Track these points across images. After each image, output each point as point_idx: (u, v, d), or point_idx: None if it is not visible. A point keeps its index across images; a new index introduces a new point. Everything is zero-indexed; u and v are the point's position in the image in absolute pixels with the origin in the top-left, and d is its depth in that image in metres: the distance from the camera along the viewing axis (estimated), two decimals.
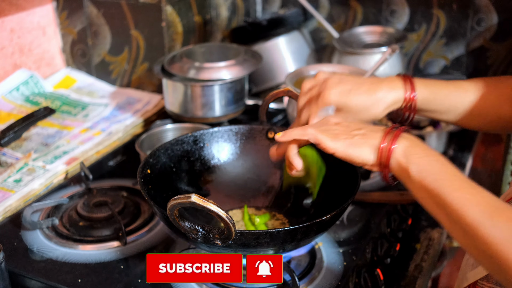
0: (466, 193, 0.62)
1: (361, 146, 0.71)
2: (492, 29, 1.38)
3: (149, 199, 0.76)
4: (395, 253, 0.93)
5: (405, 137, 0.70)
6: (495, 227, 0.58)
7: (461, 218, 0.61)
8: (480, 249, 0.59)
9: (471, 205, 0.61)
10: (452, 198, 0.62)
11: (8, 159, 1.14)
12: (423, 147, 0.69)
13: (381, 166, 0.71)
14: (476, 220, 0.59)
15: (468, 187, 0.63)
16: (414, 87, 0.84)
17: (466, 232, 0.61)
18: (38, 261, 0.88)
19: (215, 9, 1.52)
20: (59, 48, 1.49)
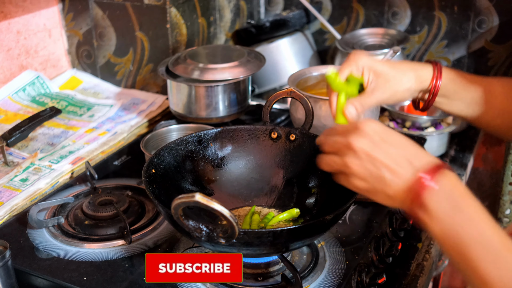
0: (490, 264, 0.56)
1: (378, 194, 0.64)
2: (493, 31, 1.39)
3: (153, 198, 0.77)
4: (396, 252, 0.94)
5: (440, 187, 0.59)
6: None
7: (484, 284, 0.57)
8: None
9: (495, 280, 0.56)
10: (475, 268, 0.57)
11: (15, 158, 1.16)
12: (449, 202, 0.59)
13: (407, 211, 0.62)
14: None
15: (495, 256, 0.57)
16: (441, 69, 0.82)
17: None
18: (44, 259, 0.89)
19: (219, 11, 1.53)
20: (65, 50, 1.50)
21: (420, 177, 0.60)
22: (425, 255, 0.97)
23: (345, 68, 0.80)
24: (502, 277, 0.56)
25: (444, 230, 0.59)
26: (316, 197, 0.91)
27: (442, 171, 0.60)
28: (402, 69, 0.81)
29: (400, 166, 0.62)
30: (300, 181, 0.93)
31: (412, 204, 0.60)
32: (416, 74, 0.81)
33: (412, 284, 0.90)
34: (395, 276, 0.90)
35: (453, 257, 0.59)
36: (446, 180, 0.60)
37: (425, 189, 0.59)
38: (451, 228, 0.58)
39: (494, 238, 0.58)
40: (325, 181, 0.90)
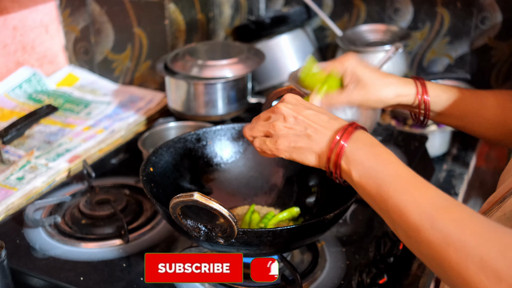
0: (407, 195, 0.60)
1: (304, 152, 0.69)
2: (496, 28, 1.38)
3: (151, 197, 0.75)
4: (398, 252, 0.93)
5: (355, 139, 0.66)
6: (435, 228, 0.56)
7: (402, 221, 0.59)
8: (423, 252, 0.58)
9: (411, 207, 0.59)
10: (393, 202, 0.60)
11: (11, 156, 1.14)
12: (367, 148, 0.66)
13: (330, 169, 0.68)
14: (417, 222, 0.58)
15: (410, 187, 0.61)
16: (425, 85, 0.84)
17: (409, 235, 0.59)
18: (41, 258, 0.88)
19: (218, 7, 1.51)
20: (62, 46, 1.49)
21: (341, 131, 0.67)
22: None
23: (330, 63, 0.84)
24: (417, 203, 0.59)
25: (363, 173, 0.64)
26: (316, 196, 0.90)
27: (358, 128, 0.68)
28: (386, 82, 0.83)
29: (322, 125, 0.69)
30: (300, 180, 0.92)
31: (335, 155, 0.66)
32: (397, 90, 0.84)
33: (414, 284, 0.89)
34: (397, 276, 0.89)
35: (373, 198, 0.63)
36: (362, 133, 0.68)
37: (345, 140, 0.66)
38: (370, 170, 0.64)
39: (407, 173, 0.63)
40: (326, 180, 0.89)
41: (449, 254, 0.55)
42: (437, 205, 0.58)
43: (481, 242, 0.54)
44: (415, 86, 0.84)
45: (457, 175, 1.21)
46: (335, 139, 0.67)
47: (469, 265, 0.53)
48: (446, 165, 1.23)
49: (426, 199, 0.59)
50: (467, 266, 0.53)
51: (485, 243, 0.54)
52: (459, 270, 0.54)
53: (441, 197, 0.60)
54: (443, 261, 0.55)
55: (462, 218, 0.56)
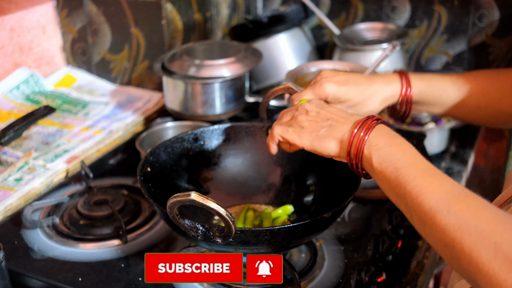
0: (425, 181, 0.62)
1: (325, 140, 0.72)
2: (493, 25, 1.38)
3: (149, 197, 0.75)
4: (396, 250, 0.93)
5: (377, 129, 0.69)
6: (451, 214, 0.57)
7: (419, 206, 0.61)
8: (437, 237, 0.59)
9: (428, 193, 0.60)
10: (411, 187, 0.62)
11: (9, 158, 1.14)
12: (388, 137, 0.68)
13: (351, 158, 0.70)
14: (433, 208, 0.59)
15: (428, 175, 0.63)
16: (410, 82, 0.85)
17: (424, 221, 0.60)
18: (39, 259, 0.88)
19: (216, 6, 1.51)
20: (59, 47, 1.49)
21: (361, 122, 0.70)
22: (426, 253, 0.96)
23: (307, 93, 0.85)
24: (434, 189, 0.60)
25: (383, 159, 0.66)
26: (314, 195, 0.90)
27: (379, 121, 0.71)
28: (369, 93, 0.84)
29: (343, 117, 0.73)
30: (298, 179, 0.92)
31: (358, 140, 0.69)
32: (382, 94, 0.85)
33: (412, 282, 0.89)
34: (395, 275, 0.89)
35: (391, 184, 0.65)
36: (383, 126, 0.71)
37: (367, 129, 0.69)
38: (390, 156, 0.66)
39: (425, 163, 0.65)
40: (323, 179, 0.89)
41: (463, 239, 0.55)
42: (453, 193, 0.60)
43: (495, 229, 0.54)
44: (400, 84, 0.84)
45: (455, 173, 1.21)
46: (357, 127, 0.69)
47: (482, 251, 0.54)
48: (444, 163, 1.23)
49: (443, 187, 0.61)
50: (479, 252, 0.54)
51: (500, 231, 0.54)
52: (471, 255, 0.54)
53: (458, 187, 0.61)
54: (456, 246, 0.56)
55: (477, 207, 0.57)
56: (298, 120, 0.74)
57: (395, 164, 0.65)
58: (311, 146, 0.73)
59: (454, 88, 0.85)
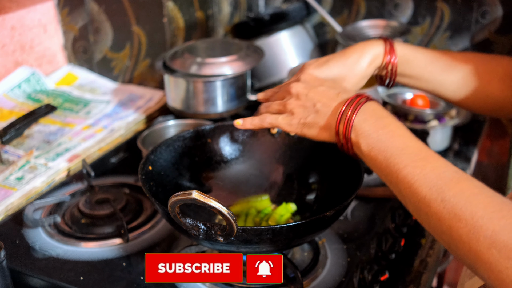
0: (416, 168, 0.60)
1: (312, 126, 0.71)
2: (496, 22, 1.37)
3: (150, 196, 0.75)
4: (400, 249, 0.92)
5: (364, 109, 0.67)
6: (446, 201, 0.56)
7: (412, 195, 0.59)
8: (433, 225, 0.58)
9: (420, 181, 0.59)
10: (403, 176, 0.60)
11: (10, 156, 1.14)
12: (374, 120, 0.66)
13: (340, 140, 0.69)
14: (427, 196, 0.58)
15: (418, 159, 0.61)
16: (393, 44, 0.82)
17: (419, 209, 0.59)
18: (40, 259, 0.88)
19: (217, 4, 1.51)
20: (61, 45, 1.48)
21: (347, 102, 0.67)
22: (429, 251, 0.95)
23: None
24: (426, 176, 0.59)
25: (371, 145, 0.64)
26: (317, 193, 0.89)
27: (368, 99, 0.68)
28: (352, 59, 0.80)
29: (331, 98, 0.70)
30: (300, 177, 0.91)
31: (343, 127, 0.66)
32: (367, 57, 0.81)
33: (416, 281, 0.88)
34: (398, 273, 0.88)
35: (382, 171, 0.63)
36: (371, 104, 0.68)
37: (353, 111, 0.66)
38: (378, 143, 0.64)
39: (415, 145, 0.63)
40: (326, 177, 0.88)
41: (460, 227, 0.54)
42: (447, 178, 0.58)
43: (493, 215, 0.53)
44: (383, 45, 0.81)
45: None
46: (341, 110, 0.67)
47: (480, 238, 0.52)
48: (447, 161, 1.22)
49: (436, 172, 0.59)
50: (478, 240, 0.53)
51: (497, 217, 0.53)
52: (470, 243, 0.53)
53: (451, 170, 0.59)
54: (453, 234, 0.55)
55: (473, 192, 0.56)
56: (288, 107, 0.73)
57: (384, 152, 0.63)
58: (301, 132, 0.72)
59: (440, 61, 0.82)
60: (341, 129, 0.67)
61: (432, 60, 0.83)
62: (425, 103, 1.27)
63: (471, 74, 0.82)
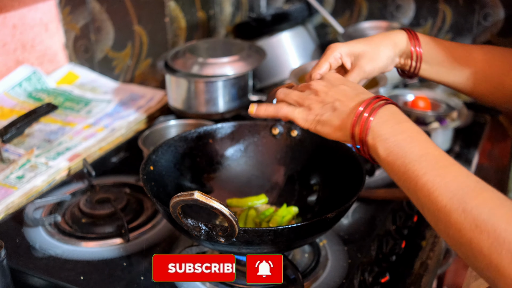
0: (436, 176, 0.58)
1: (328, 124, 0.69)
2: (498, 24, 1.37)
3: (151, 196, 0.75)
4: (400, 251, 0.92)
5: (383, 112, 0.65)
6: (467, 212, 0.54)
7: (432, 204, 0.57)
8: (451, 236, 0.56)
9: (441, 190, 0.57)
10: (422, 183, 0.58)
11: (11, 155, 1.14)
12: (393, 123, 0.64)
13: (355, 141, 0.67)
14: (448, 206, 0.56)
15: (439, 167, 0.59)
16: (416, 33, 0.83)
17: (438, 218, 0.57)
18: (41, 258, 0.88)
19: (219, 4, 1.51)
20: (62, 44, 1.48)
21: (364, 103, 0.66)
22: (429, 254, 0.95)
23: (322, 62, 0.82)
24: (447, 185, 0.57)
25: (390, 151, 0.62)
26: (318, 195, 0.89)
27: (387, 102, 0.66)
28: (376, 41, 0.82)
29: (350, 98, 0.68)
30: (301, 178, 0.91)
31: (360, 128, 0.65)
32: (391, 40, 0.82)
33: (416, 283, 0.88)
34: (399, 275, 0.88)
35: (400, 178, 0.62)
36: (389, 107, 0.66)
37: (370, 113, 0.65)
38: (396, 148, 0.62)
39: (435, 152, 0.61)
40: (327, 178, 0.88)
41: (481, 240, 0.53)
42: (468, 188, 0.56)
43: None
44: (406, 33, 0.82)
45: None
46: (358, 111, 0.65)
47: (502, 252, 0.51)
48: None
49: (457, 180, 0.57)
50: (500, 254, 0.51)
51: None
52: (491, 257, 0.52)
53: (472, 180, 0.57)
54: (474, 247, 0.53)
55: (495, 203, 0.54)
56: (306, 102, 0.71)
57: (403, 158, 0.61)
58: (315, 129, 0.70)
59: (461, 50, 0.83)
60: (356, 130, 0.65)
61: (452, 51, 0.83)
62: (427, 105, 1.27)
63: (489, 65, 0.82)
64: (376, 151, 0.64)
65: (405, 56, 0.83)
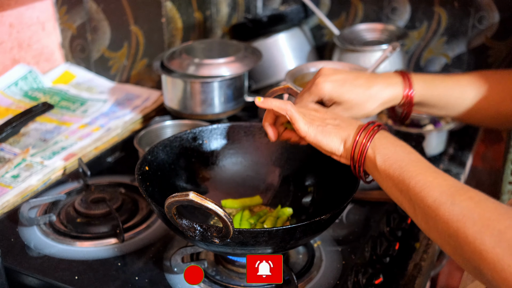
0: (428, 176, 0.64)
1: (331, 135, 0.73)
2: (493, 27, 1.38)
3: (147, 196, 0.75)
4: (394, 252, 0.93)
5: (381, 132, 0.72)
6: (455, 205, 0.59)
7: (422, 200, 0.62)
8: (440, 229, 0.60)
9: (432, 187, 0.62)
10: (415, 182, 0.64)
11: (6, 154, 1.14)
12: (391, 139, 0.71)
13: (350, 160, 0.72)
14: (437, 200, 0.61)
15: (431, 171, 0.65)
16: (412, 84, 0.84)
17: (428, 214, 0.62)
18: (35, 257, 0.88)
19: (215, 5, 1.51)
20: (58, 43, 1.48)
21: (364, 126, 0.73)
22: (423, 255, 0.95)
23: (305, 97, 0.83)
24: (438, 183, 0.62)
25: (387, 158, 0.68)
26: (313, 196, 0.89)
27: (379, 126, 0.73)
28: (368, 95, 0.83)
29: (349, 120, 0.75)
30: (296, 180, 0.92)
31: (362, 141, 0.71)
32: (382, 98, 0.84)
33: (410, 284, 0.89)
34: (392, 277, 0.88)
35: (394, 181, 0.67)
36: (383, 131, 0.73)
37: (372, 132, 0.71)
38: (394, 155, 0.68)
39: (428, 163, 0.68)
40: (322, 180, 0.89)
41: (467, 228, 0.57)
42: (457, 187, 0.62)
43: (499, 217, 0.56)
44: (402, 87, 0.84)
45: (453, 175, 1.21)
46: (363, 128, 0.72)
47: (485, 238, 0.55)
48: (442, 165, 1.23)
49: (447, 182, 0.63)
50: (483, 240, 0.55)
51: (504, 219, 0.56)
52: (475, 243, 0.56)
53: (459, 183, 0.63)
54: (460, 236, 0.57)
55: (480, 198, 0.60)
56: (309, 113, 0.76)
57: (400, 162, 0.67)
58: (315, 138, 0.74)
59: (456, 90, 0.86)
60: (360, 141, 0.71)
61: (447, 90, 0.86)
62: None
63: (485, 95, 0.85)
64: (374, 160, 0.69)
65: (397, 105, 0.87)
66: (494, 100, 0.84)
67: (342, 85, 0.81)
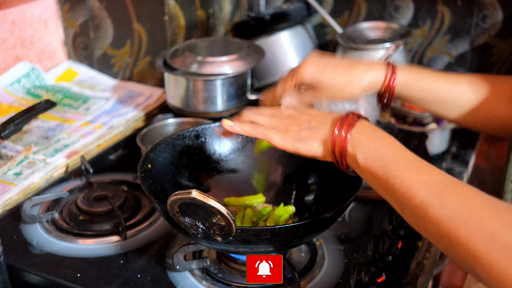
0: (413, 174, 0.61)
1: (308, 140, 0.71)
2: (497, 26, 1.37)
3: (149, 194, 0.75)
4: (396, 251, 0.93)
5: (358, 126, 0.69)
6: (444, 205, 0.57)
7: (409, 201, 0.60)
8: (431, 230, 0.58)
9: (418, 186, 0.60)
10: (399, 182, 0.61)
11: (9, 152, 1.14)
12: (370, 132, 0.68)
13: (336, 157, 0.70)
14: (425, 200, 0.58)
15: (415, 167, 0.62)
16: (395, 71, 0.83)
17: (416, 214, 0.59)
18: (38, 255, 0.88)
19: (218, 3, 1.51)
20: (61, 41, 1.48)
21: (342, 119, 0.69)
22: (426, 254, 0.95)
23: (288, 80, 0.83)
24: (424, 181, 0.60)
25: (369, 155, 0.65)
26: (315, 194, 0.89)
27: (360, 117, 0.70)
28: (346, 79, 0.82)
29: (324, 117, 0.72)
30: (299, 178, 0.92)
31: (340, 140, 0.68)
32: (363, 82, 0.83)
33: (412, 283, 0.89)
34: (395, 275, 0.88)
35: (379, 180, 0.64)
36: (364, 121, 0.70)
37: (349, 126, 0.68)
38: (375, 151, 0.65)
39: (410, 155, 0.64)
40: (325, 178, 0.89)
41: (458, 229, 0.54)
42: (443, 183, 0.59)
43: (490, 216, 0.53)
44: (385, 72, 0.83)
45: (456, 174, 1.21)
46: (338, 125, 0.69)
47: (479, 239, 0.53)
48: (445, 164, 1.23)
49: (433, 178, 0.60)
50: (476, 241, 0.53)
51: (495, 218, 0.53)
52: (468, 245, 0.54)
53: (447, 177, 0.60)
54: (452, 237, 0.55)
55: (469, 195, 0.57)
56: (282, 125, 0.74)
57: (381, 160, 0.64)
58: (293, 147, 0.72)
59: (446, 86, 0.83)
60: (338, 141, 0.68)
61: (434, 83, 0.83)
62: None
63: (478, 95, 0.82)
64: (355, 158, 0.67)
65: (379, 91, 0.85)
66: (489, 101, 0.82)
67: (324, 69, 0.81)
